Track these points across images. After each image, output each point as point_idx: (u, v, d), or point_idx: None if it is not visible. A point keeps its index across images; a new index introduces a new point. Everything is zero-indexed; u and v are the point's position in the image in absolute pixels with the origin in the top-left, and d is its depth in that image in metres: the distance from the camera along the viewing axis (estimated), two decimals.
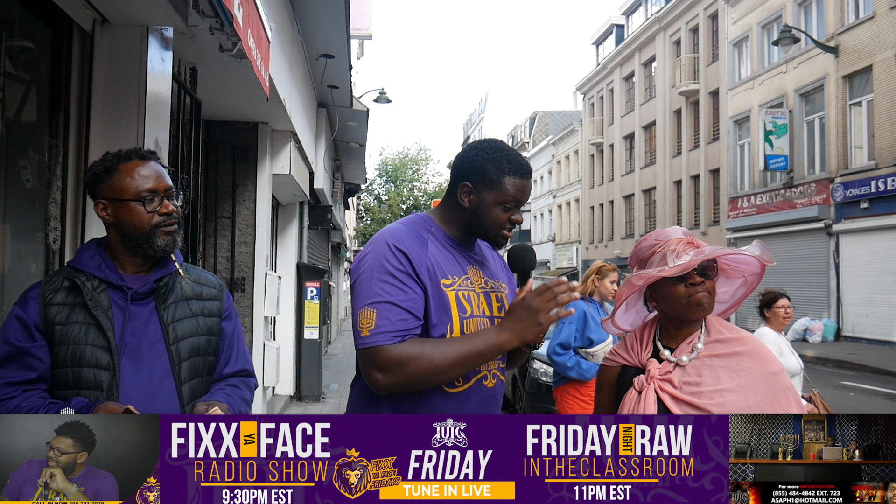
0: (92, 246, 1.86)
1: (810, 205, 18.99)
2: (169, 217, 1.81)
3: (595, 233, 36.25)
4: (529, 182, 1.93)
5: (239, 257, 6.63)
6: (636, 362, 1.99)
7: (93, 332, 1.73)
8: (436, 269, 1.84)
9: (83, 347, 1.72)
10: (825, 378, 11.91)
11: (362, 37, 12.95)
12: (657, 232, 2.02)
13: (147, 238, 1.79)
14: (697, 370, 1.89)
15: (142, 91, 3.20)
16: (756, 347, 1.92)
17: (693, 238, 1.96)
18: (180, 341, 1.83)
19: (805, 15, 20.15)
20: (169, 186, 1.84)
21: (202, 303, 1.92)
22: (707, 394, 1.85)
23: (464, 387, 1.85)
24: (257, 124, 6.62)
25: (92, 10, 3.08)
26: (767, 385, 1.85)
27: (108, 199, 1.79)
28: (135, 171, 1.79)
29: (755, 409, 1.82)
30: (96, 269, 1.79)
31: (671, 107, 28.17)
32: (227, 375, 1.95)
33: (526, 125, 50.35)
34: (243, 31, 3.15)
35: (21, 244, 3.02)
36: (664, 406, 1.88)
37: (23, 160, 3.00)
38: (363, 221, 45.55)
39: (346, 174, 16.62)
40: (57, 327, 1.73)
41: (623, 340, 2.08)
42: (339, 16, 6.49)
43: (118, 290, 1.79)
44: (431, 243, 1.89)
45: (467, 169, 1.91)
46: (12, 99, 2.93)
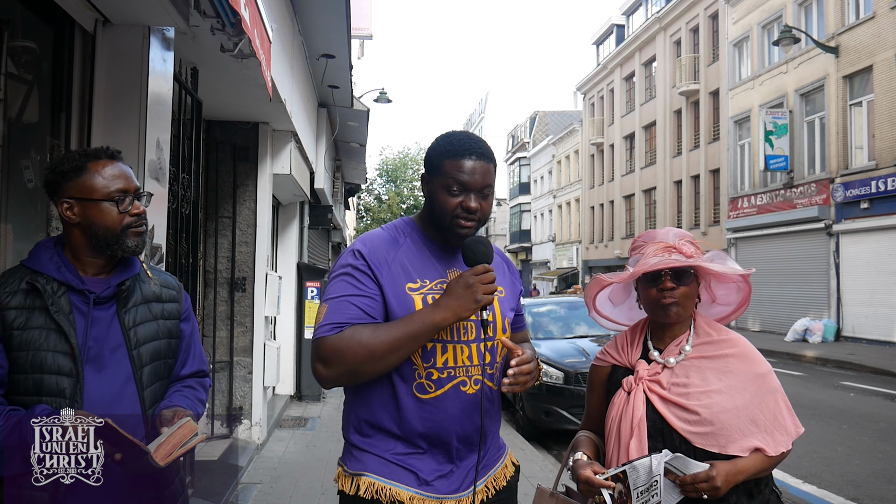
0: (49, 245, 1.78)
1: (810, 205, 18.99)
2: (139, 218, 1.77)
3: (595, 233, 36.25)
4: (476, 163, 1.79)
5: (239, 257, 6.63)
6: (626, 363, 2.01)
7: (54, 337, 1.67)
8: (402, 271, 1.82)
9: (44, 354, 1.65)
10: (825, 378, 11.92)
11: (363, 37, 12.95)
12: (648, 232, 2.04)
13: (117, 239, 1.74)
14: (686, 371, 1.90)
15: (143, 91, 3.21)
16: (744, 349, 1.93)
17: (680, 241, 1.94)
18: (142, 346, 1.79)
19: (805, 15, 20.15)
20: (138, 187, 1.81)
21: (162, 305, 1.88)
22: (695, 395, 1.86)
23: (435, 393, 1.80)
24: (258, 124, 6.62)
25: (93, 10, 3.09)
26: (755, 386, 1.87)
27: (76, 199, 1.73)
28: (104, 170, 1.74)
29: (742, 410, 1.84)
30: (55, 270, 1.72)
31: (671, 107, 28.17)
32: (183, 376, 1.93)
33: (526, 125, 50.34)
34: (250, 31, 3.15)
35: (23, 244, 3.02)
36: (652, 407, 1.90)
37: (24, 160, 3.00)
38: (363, 221, 45.54)
39: (347, 174, 16.62)
40: (15, 332, 1.65)
41: (614, 340, 2.09)
42: (339, 16, 6.49)
43: (79, 293, 1.73)
44: (407, 246, 1.87)
45: (424, 160, 1.91)
46: (14, 99, 2.94)
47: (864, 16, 17.50)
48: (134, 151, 3.20)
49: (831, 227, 18.22)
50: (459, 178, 1.79)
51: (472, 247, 1.80)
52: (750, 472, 1.82)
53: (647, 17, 31.32)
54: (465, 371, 1.83)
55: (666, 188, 28.56)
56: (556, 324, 9.25)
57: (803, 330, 18.05)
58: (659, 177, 29.22)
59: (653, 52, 30.14)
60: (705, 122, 25.48)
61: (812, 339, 17.66)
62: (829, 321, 17.97)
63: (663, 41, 28.99)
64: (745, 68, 22.97)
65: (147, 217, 1.81)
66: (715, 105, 25.02)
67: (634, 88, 32.16)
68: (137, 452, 1.56)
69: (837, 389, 10.70)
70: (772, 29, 21.46)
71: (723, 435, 1.82)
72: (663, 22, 28.70)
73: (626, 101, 33.24)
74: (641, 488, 1.74)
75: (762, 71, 21.65)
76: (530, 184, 48.68)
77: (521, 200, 49.14)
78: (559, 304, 10.09)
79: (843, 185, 17.70)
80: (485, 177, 1.81)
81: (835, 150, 18.25)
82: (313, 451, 6.46)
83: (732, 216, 22.86)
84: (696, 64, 26.41)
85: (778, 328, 19.89)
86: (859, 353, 14.88)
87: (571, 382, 7.47)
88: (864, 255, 17.18)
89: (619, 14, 35.07)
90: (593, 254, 36.14)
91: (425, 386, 1.80)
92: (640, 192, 31.17)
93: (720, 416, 1.83)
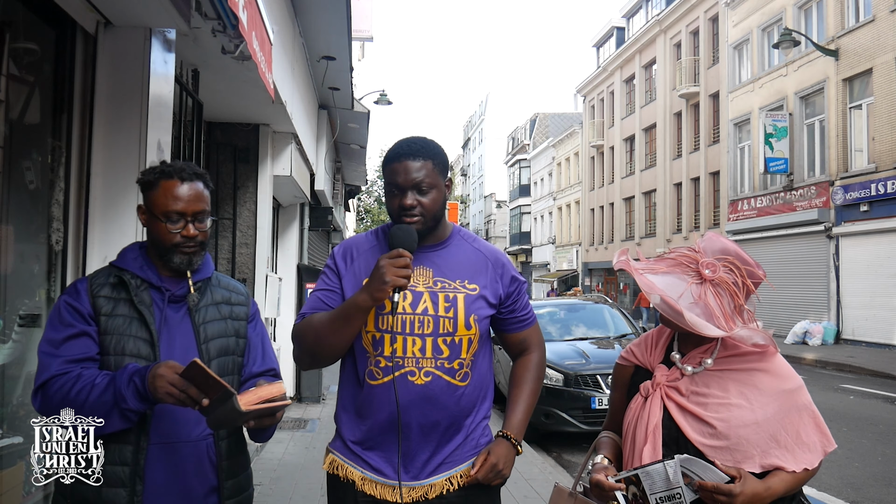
0: (135, 248, 1.97)
1: (810, 207, 18.99)
2: (190, 240, 1.90)
3: (595, 235, 36.25)
4: (402, 164, 1.92)
5: (240, 258, 6.64)
6: (647, 365, 1.95)
7: (136, 324, 1.84)
8: (365, 267, 1.99)
9: (126, 339, 1.83)
10: (825, 381, 11.92)
11: (363, 39, 12.97)
12: (711, 237, 1.91)
13: (167, 252, 1.89)
14: (706, 381, 1.83)
15: (144, 93, 3.22)
16: (774, 364, 1.85)
17: (713, 259, 1.84)
18: (210, 341, 1.93)
19: (805, 18, 20.17)
20: (200, 210, 1.93)
21: (231, 307, 2.03)
22: (713, 406, 1.80)
23: (383, 380, 1.93)
24: (258, 126, 6.63)
25: (95, 12, 3.10)
26: (779, 402, 1.79)
27: (147, 208, 1.92)
28: (170, 191, 1.89)
29: (763, 426, 1.76)
30: (139, 269, 1.90)
31: (671, 109, 28.18)
32: (256, 374, 2.02)
33: (526, 127, 50.35)
34: (248, 34, 3.16)
35: (24, 245, 3.03)
36: (668, 414, 1.83)
37: (26, 161, 3.01)
38: (363, 223, 45.54)
39: (347, 176, 16.64)
40: (102, 318, 1.83)
41: (642, 339, 2.02)
42: (340, 18, 6.50)
43: (157, 290, 1.91)
44: (376, 246, 2.04)
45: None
46: (16, 100, 2.94)
47: (863, 19, 17.52)
48: (135, 153, 3.21)
49: (831, 229, 18.23)
50: (391, 181, 1.95)
51: (395, 233, 1.91)
52: (779, 495, 1.75)
53: (647, 19, 31.34)
54: (414, 362, 1.93)
55: (666, 190, 28.57)
56: (555, 326, 9.24)
57: (803, 332, 18.05)
58: (659, 179, 29.23)
59: (653, 54, 30.16)
60: (705, 124, 25.50)
61: (812, 341, 17.66)
62: (829, 324, 17.97)
63: (663, 44, 29.02)
64: (745, 71, 22.99)
65: (201, 240, 1.93)
66: (715, 107, 25.03)
67: (634, 91, 32.18)
68: (223, 395, 1.64)
69: (837, 392, 10.70)
70: (772, 32, 21.48)
71: (739, 451, 1.75)
72: (663, 24, 28.73)
73: (627, 104, 33.25)
74: (660, 494, 1.70)
75: (762, 74, 21.66)
76: (530, 186, 48.69)
77: (521, 202, 49.15)
78: (559, 307, 10.08)
79: (843, 187, 17.71)
80: (413, 174, 1.92)
81: (834, 152, 18.26)
82: (312, 453, 6.46)
83: (732, 219, 22.86)
84: (697, 66, 26.42)
85: (778, 331, 19.85)
86: (859, 355, 14.88)
87: (571, 385, 7.47)
88: (863, 257, 17.18)
89: (619, 17, 35.10)
90: (593, 256, 36.14)
91: (374, 373, 1.94)
92: (640, 194, 31.17)
93: (738, 430, 1.76)
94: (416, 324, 1.92)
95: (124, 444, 1.76)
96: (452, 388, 1.95)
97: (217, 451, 1.87)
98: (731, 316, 1.80)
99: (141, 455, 1.77)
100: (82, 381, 1.73)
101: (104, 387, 1.71)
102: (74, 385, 1.72)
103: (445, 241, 2.05)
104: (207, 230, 1.97)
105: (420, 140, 1.99)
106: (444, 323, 1.93)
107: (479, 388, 2.03)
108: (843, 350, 16.13)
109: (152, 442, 1.79)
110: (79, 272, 3.11)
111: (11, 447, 2.78)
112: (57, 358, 1.77)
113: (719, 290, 1.80)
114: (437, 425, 1.95)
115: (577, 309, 9.88)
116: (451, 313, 1.93)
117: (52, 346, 1.79)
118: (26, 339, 2.98)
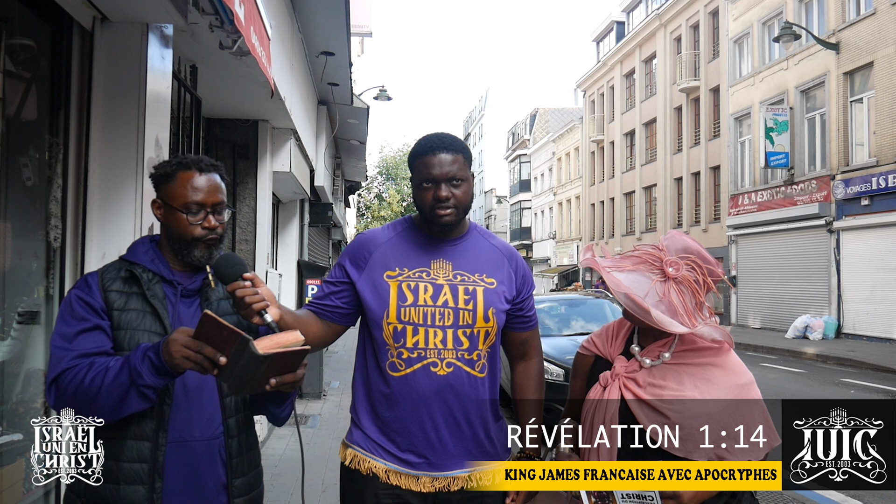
0: (146, 241, 1.95)
1: (811, 202, 18.97)
2: (211, 232, 1.87)
3: (596, 230, 36.24)
4: (436, 157, 1.97)
5: (240, 255, 6.63)
6: (607, 355, 2.01)
7: (149, 318, 1.82)
8: (381, 261, 2.03)
9: (140, 333, 1.81)
10: (826, 375, 11.92)
11: (362, 34, 12.95)
12: (674, 235, 1.99)
13: (187, 246, 1.86)
14: (663, 374, 1.91)
15: (142, 89, 3.20)
16: (728, 360, 1.93)
17: (676, 257, 1.92)
18: None
19: (806, 11, 20.11)
20: (219, 202, 1.90)
21: None
22: (668, 397, 1.87)
23: (405, 371, 1.97)
24: (258, 122, 6.62)
25: (92, 7, 3.08)
26: (732, 396, 1.87)
27: (163, 202, 1.88)
28: (189, 182, 1.86)
29: (715, 418, 1.83)
30: (150, 262, 1.88)
31: (672, 104, 28.14)
32: None
33: (526, 122, 50.29)
34: (245, 29, 3.14)
35: (22, 242, 3.02)
36: (625, 404, 1.90)
37: (23, 158, 3.00)
38: (363, 219, 45.56)
39: (347, 172, 16.63)
40: (115, 312, 1.81)
41: (603, 330, 2.09)
42: (338, 13, 6.49)
43: (169, 284, 1.89)
44: (395, 239, 2.07)
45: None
46: (13, 97, 2.93)
47: (864, 12, 17.46)
48: (132, 149, 3.20)
49: (832, 223, 18.21)
50: (428, 173, 1.97)
51: (219, 263, 1.80)
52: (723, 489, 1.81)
53: (647, 13, 31.26)
54: (436, 353, 1.97)
55: (666, 185, 28.54)
56: (555, 320, 9.24)
57: (804, 327, 18.04)
58: (659, 174, 29.21)
59: (653, 48, 30.09)
60: (706, 118, 25.46)
61: (812, 336, 17.65)
62: (830, 318, 17.96)
63: (663, 38, 28.95)
64: (745, 65, 22.93)
65: (221, 232, 1.90)
66: (715, 102, 24.99)
67: (635, 85, 32.11)
68: (239, 345, 1.58)
69: (838, 386, 10.70)
70: (772, 25, 21.42)
71: (690, 441, 1.82)
72: (663, 19, 28.66)
73: (627, 98, 33.20)
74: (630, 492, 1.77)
75: (763, 68, 21.61)
76: (531, 181, 48.65)
77: (521, 198, 49.11)
78: (559, 301, 10.08)
79: (844, 181, 17.68)
80: (447, 167, 1.97)
81: (835, 146, 18.22)
82: (314, 449, 6.46)
83: (733, 213, 22.84)
84: (697, 61, 26.36)
85: (778, 325, 19.88)
86: (860, 349, 14.88)
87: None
88: (864, 251, 17.16)
89: (619, 11, 35.01)
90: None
91: (396, 364, 1.98)
92: (641, 189, 31.15)
93: (690, 421, 1.83)
94: (436, 316, 1.98)
95: (142, 441, 1.76)
96: (472, 378, 2.01)
97: (227, 450, 1.87)
98: (693, 313, 1.89)
99: (160, 452, 1.76)
100: (96, 368, 1.70)
101: (118, 369, 1.68)
102: (88, 372, 1.69)
103: (464, 235, 2.10)
104: (225, 222, 1.95)
105: (449, 135, 2.05)
106: (464, 315, 1.99)
107: (494, 380, 2.08)
108: (844, 344, 16.13)
109: (168, 441, 1.79)
110: (77, 269, 3.11)
111: (11, 444, 2.78)
112: (70, 351, 1.74)
113: (682, 288, 1.90)
114: (459, 415, 1.99)
115: (577, 304, 9.87)
116: (471, 305, 1.99)
117: (65, 339, 1.76)
118: (25, 337, 2.98)
